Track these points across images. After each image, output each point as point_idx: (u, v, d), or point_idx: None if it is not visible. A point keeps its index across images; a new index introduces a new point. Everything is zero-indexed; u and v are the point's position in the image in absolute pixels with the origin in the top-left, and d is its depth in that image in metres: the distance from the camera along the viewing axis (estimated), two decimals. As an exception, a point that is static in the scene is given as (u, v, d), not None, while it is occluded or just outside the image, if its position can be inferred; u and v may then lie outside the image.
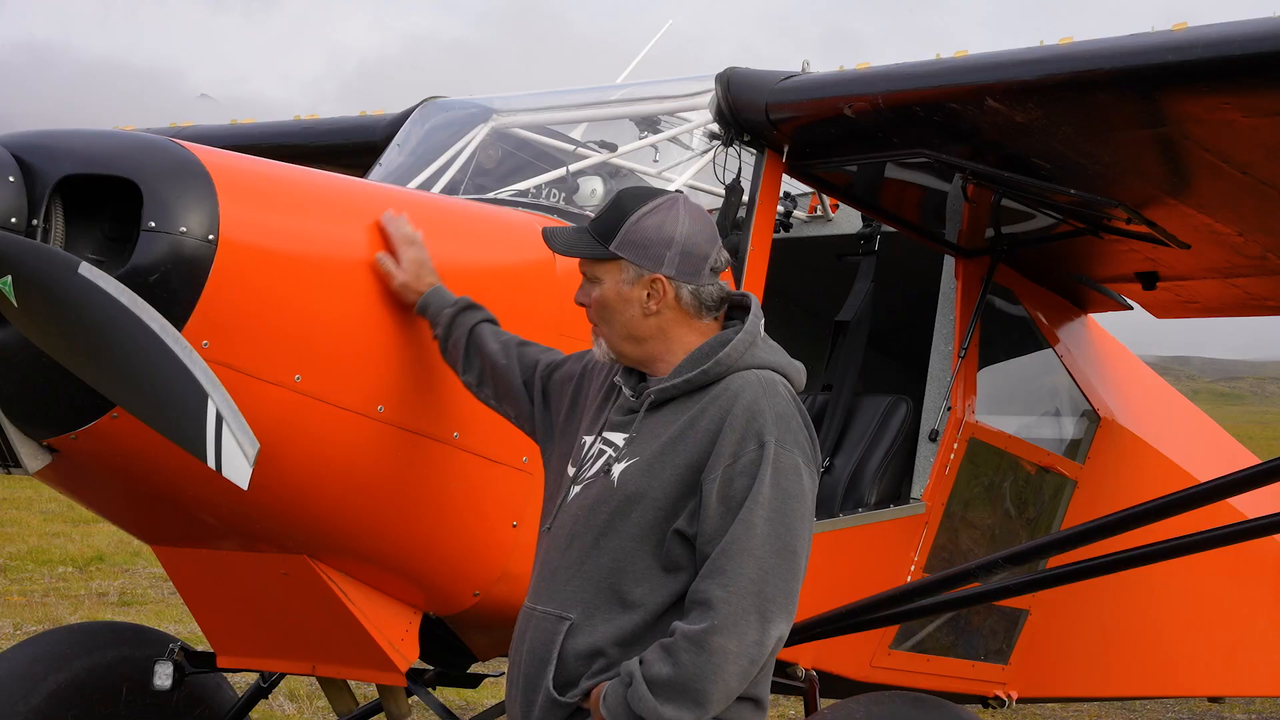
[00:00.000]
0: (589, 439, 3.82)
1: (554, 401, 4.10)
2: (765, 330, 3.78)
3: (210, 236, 4.06)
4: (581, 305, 3.86)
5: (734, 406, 3.57)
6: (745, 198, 5.63)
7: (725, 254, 3.81)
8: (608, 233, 3.74)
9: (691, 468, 3.57)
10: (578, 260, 3.85)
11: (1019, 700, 7.25)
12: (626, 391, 3.79)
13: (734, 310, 3.82)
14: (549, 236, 3.85)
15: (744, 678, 3.44)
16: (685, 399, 3.66)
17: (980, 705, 7.17)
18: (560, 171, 5.78)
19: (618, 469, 3.66)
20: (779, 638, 3.47)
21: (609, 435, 3.76)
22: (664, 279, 3.71)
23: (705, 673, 3.39)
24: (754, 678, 3.51)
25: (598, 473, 3.72)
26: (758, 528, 3.46)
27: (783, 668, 5.72)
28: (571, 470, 3.83)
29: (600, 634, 3.59)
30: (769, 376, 3.65)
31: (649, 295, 3.72)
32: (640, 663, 3.46)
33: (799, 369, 3.76)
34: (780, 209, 6.00)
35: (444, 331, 4.36)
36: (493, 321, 4.37)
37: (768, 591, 3.44)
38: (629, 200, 3.77)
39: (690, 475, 3.57)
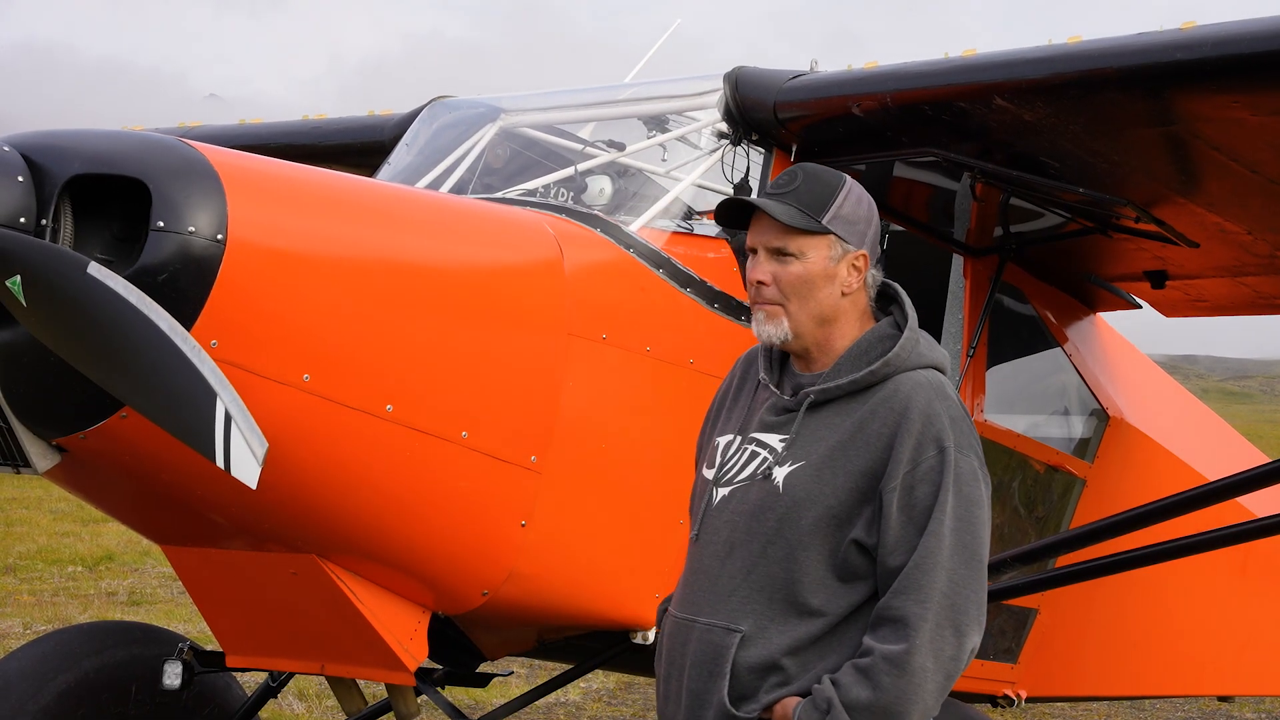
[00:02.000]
0: (725, 439, 3.68)
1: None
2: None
3: (219, 236, 4.06)
4: (759, 282, 3.62)
5: (909, 411, 3.44)
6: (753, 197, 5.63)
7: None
8: (818, 206, 3.57)
9: (866, 475, 3.44)
10: (748, 234, 3.64)
11: (1028, 699, 7.24)
12: (777, 390, 3.65)
13: (879, 300, 3.69)
14: (760, 205, 3.62)
15: (941, 695, 3.33)
16: (848, 400, 3.53)
17: (989, 704, 7.16)
18: (568, 171, 5.78)
19: (781, 473, 3.51)
20: (972, 650, 3.36)
21: (761, 436, 3.61)
22: (866, 257, 3.61)
23: (907, 695, 3.28)
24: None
25: (752, 476, 3.56)
26: (946, 539, 3.35)
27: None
28: (709, 473, 3.67)
29: (775, 645, 3.44)
30: (936, 378, 3.53)
31: (848, 273, 3.59)
32: (836, 685, 3.34)
33: (949, 362, 3.67)
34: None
35: None
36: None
37: (960, 604, 3.33)
38: (828, 175, 3.63)
39: (865, 482, 3.43)
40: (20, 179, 4.05)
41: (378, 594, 4.69)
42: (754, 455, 3.59)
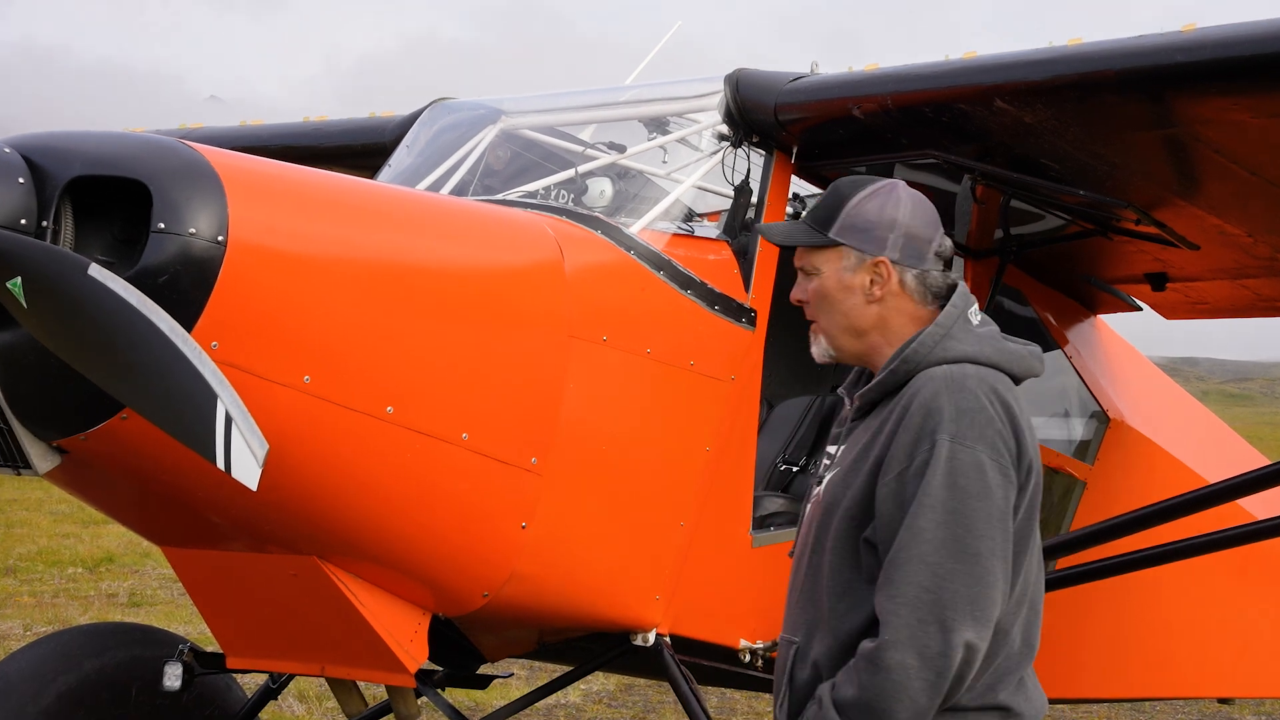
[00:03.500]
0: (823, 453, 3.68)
1: None
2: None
3: (220, 238, 4.06)
4: (799, 302, 3.64)
5: (912, 406, 3.37)
6: (754, 199, 5.63)
7: (949, 241, 3.62)
8: (826, 219, 3.56)
9: (874, 474, 3.40)
10: (790, 255, 3.64)
11: (1028, 701, 7.23)
12: (846, 399, 3.64)
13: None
14: (765, 231, 3.67)
15: (933, 692, 3.24)
16: (885, 402, 3.49)
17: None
18: (569, 173, 5.78)
19: (826, 479, 3.53)
20: (969, 646, 3.24)
21: (830, 448, 3.63)
22: (888, 262, 3.51)
23: (886, 691, 3.23)
24: (993, 684, 3.34)
25: (816, 488, 3.58)
26: (927, 532, 3.26)
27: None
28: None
29: (817, 654, 3.44)
30: (960, 371, 3.39)
31: (872, 281, 3.52)
32: (833, 685, 3.33)
33: (1019, 355, 3.51)
34: (789, 210, 6.01)
35: None
36: None
37: (945, 599, 3.23)
38: (847, 186, 3.59)
39: (874, 481, 3.40)
40: (21, 180, 4.05)
41: (378, 595, 4.69)
42: (824, 467, 3.61)
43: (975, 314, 3.53)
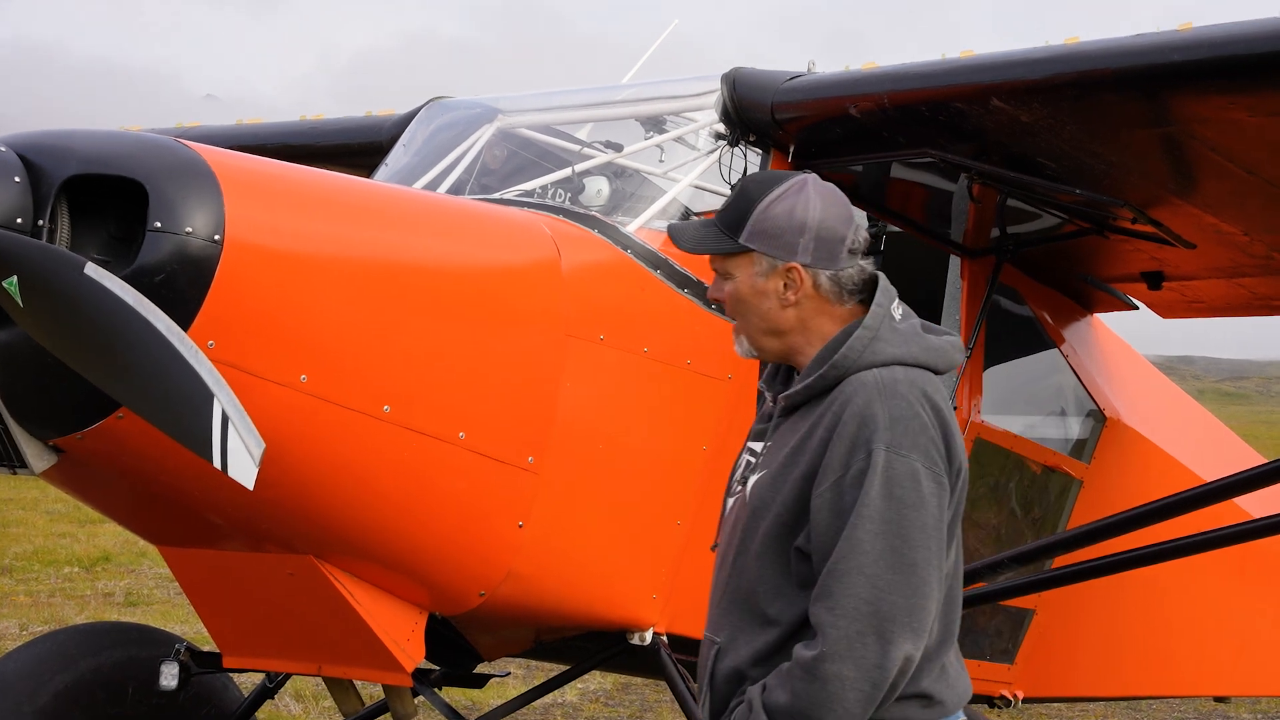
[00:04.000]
0: (744, 448, 3.65)
1: None
2: None
3: (216, 237, 4.06)
4: (715, 300, 3.61)
5: (845, 413, 3.33)
6: (751, 198, 5.62)
7: (863, 232, 3.56)
8: (736, 224, 3.50)
9: (806, 480, 3.36)
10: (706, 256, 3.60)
11: (1025, 700, 7.25)
12: (769, 395, 3.61)
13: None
14: (675, 234, 3.60)
15: (867, 703, 3.24)
16: (812, 404, 3.45)
17: (986, 705, 7.16)
18: (566, 171, 5.78)
19: (751, 480, 3.49)
20: (907, 658, 3.24)
21: (752, 444, 3.59)
22: (799, 267, 3.47)
23: (820, 702, 3.22)
24: (914, 675, 3.32)
25: (741, 485, 3.55)
26: (865, 543, 3.24)
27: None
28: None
29: (741, 655, 3.43)
30: (890, 376, 3.37)
31: (785, 286, 3.48)
32: (763, 689, 3.31)
33: (941, 350, 3.48)
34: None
35: None
36: None
37: (884, 610, 3.22)
38: (755, 187, 3.52)
39: (807, 488, 3.36)
40: (17, 179, 4.05)
41: (375, 595, 4.69)
42: (747, 464, 3.57)
43: (897, 308, 3.51)
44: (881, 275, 3.54)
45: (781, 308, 3.50)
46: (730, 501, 3.58)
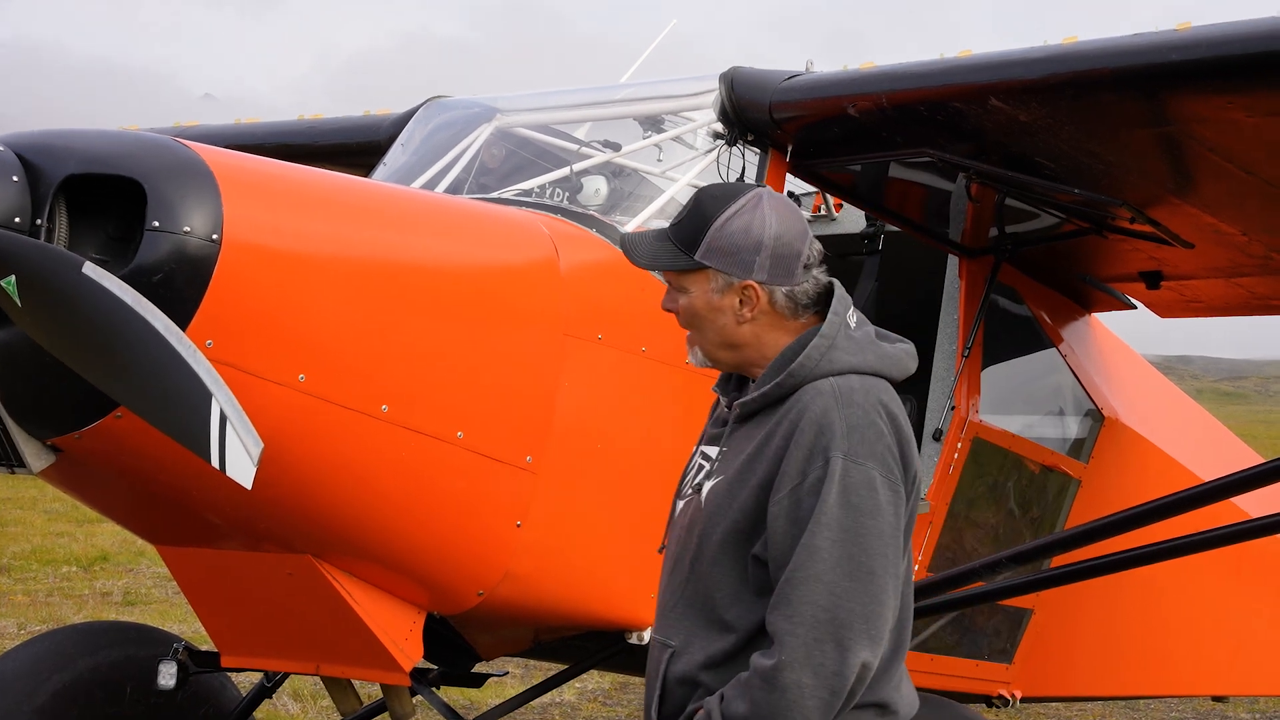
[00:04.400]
0: (696, 451, 3.66)
1: None
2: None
3: (214, 236, 4.06)
4: (669, 311, 3.61)
5: (802, 422, 3.34)
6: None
7: (818, 245, 3.56)
8: (691, 240, 3.49)
9: (764, 488, 3.37)
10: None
11: (1023, 700, 7.25)
12: (723, 400, 3.63)
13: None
14: (628, 247, 3.59)
15: (827, 710, 3.24)
16: (769, 411, 3.45)
17: (984, 705, 7.16)
18: (564, 171, 5.78)
19: (707, 486, 3.49)
20: (864, 665, 3.25)
21: (706, 448, 3.59)
22: (756, 285, 3.46)
23: (780, 710, 3.22)
24: (872, 684, 3.33)
25: (694, 489, 3.55)
26: (823, 551, 3.25)
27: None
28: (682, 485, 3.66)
29: (695, 659, 3.43)
30: (846, 384, 3.38)
31: (741, 303, 3.48)
32: (721, 699, 3.31)
33: (895, 358, 3.49)
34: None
35: None
36: None
37: (842, 617, 3.23)
38: (710, 203, 3.51)
39: (764, 496, 3.37)
40: (15, 179, 4.05)
41: (373, 594, 4.69)
42: (699, 468, 3.57)
43: (853, 315, 3.52)
44: (837, 283, 3.55)
45: (737, 324, 3.51)
46: (681, 504, 3.58)
